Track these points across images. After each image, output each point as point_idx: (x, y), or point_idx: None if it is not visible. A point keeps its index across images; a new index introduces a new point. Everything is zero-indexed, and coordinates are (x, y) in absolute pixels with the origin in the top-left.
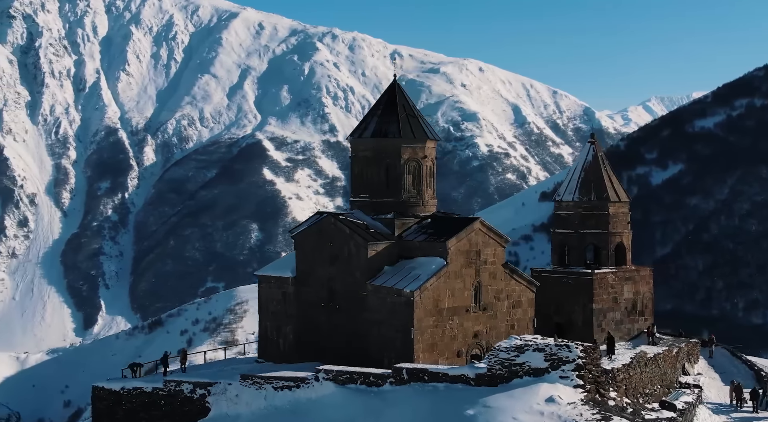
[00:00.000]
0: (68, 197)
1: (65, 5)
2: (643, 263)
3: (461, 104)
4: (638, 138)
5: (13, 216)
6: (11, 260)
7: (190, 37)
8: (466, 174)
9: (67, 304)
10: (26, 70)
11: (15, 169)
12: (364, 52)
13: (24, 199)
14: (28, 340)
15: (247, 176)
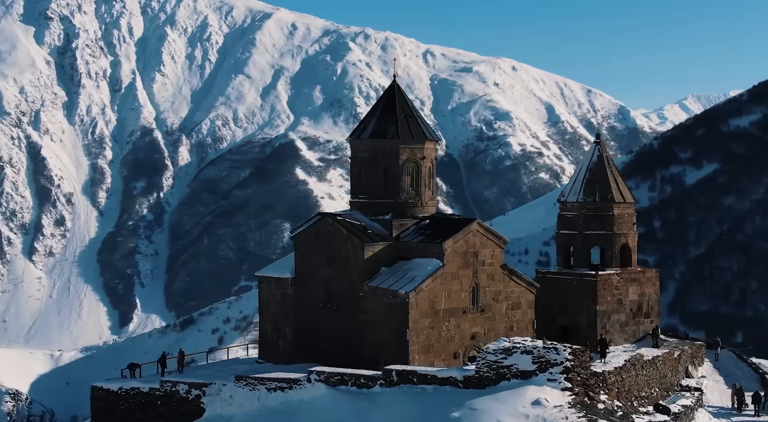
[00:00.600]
0: (104, 196)
1: (101, 7)
2: (677, 263)
3: (494, 103)
4: (672, 137)
5: (50, 215)
6: (48, 259)
7: (224, 38)
8: (498, 174)
9: (103, 302)
10: (63, 71)
11: (52, 169)
12: (397, 51)
13: (61, 198)
14: (65, 338)
15: (280, 176)
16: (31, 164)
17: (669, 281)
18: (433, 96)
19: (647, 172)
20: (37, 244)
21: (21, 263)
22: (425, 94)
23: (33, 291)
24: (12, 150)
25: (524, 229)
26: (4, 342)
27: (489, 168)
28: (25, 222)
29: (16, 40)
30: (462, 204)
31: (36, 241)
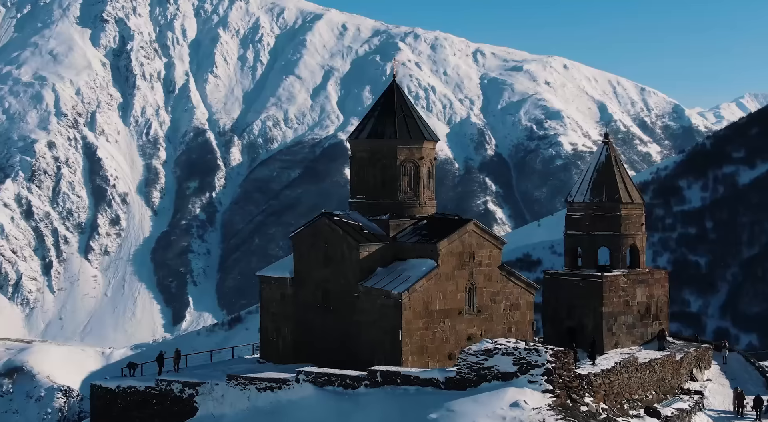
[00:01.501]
0: (158, 196)
1: (156, 9)
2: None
3: (545, 102)
4: (725, 136)
5: (105, 215)
6: (103, 258)
7: (275, 39)
8: (549, 173)
9: (156, 300)
10: (118, 72)
11: (108, 169)
12: (446, 51)
13: (116, 198)
14: (119, 336)
15: (329, 176)
16: (87, 164)
17: (721, 283)
18: (483, 95)
19: (699, 172)
20: (92, 243)
21: (77, 262)
22: (474, 94)
23: (88, 289)
24: (69, 151)
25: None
26: (60, 339)
27: (539, 168)
28: (81, 222)
29: (72, 43)
30: (512, 204)
31: (92, 240)
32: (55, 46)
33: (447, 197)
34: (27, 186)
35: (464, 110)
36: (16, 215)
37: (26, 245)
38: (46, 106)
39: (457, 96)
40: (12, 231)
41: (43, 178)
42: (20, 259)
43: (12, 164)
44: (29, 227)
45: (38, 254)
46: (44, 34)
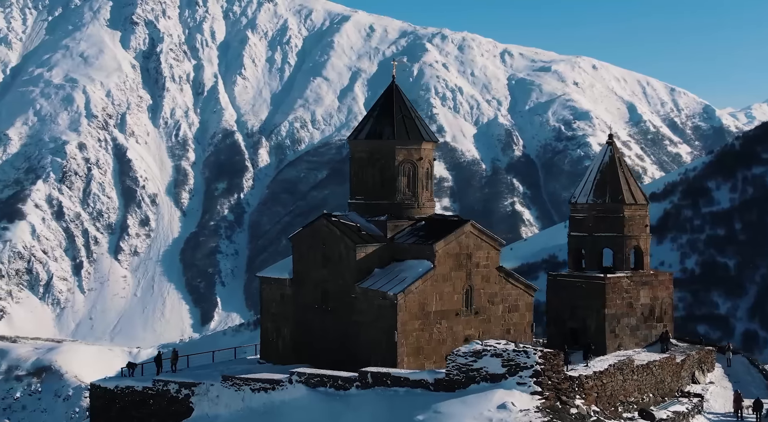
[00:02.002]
0: (187, 197)
1: (185, 11)
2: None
3: (573, 103)
4: (755, 137)
5: (135, 216)
6: (133, 258)
7: (303, 41)
8: (577, 174)
9: (185, 300)
10: (148, 74)
11: (137, 170)
12: (474, 52)
13: (146, 199)
14: (149, 335)
15: None
16: (117, 165)
17: (750, 285)
18: (511, 96)
19: (728, 172)
20: (122, 243)
21: (107, 262)
22: (502, 95)
23: (118, 289)
24: (99, 152)
25: None
26: (91, 339)
27: (567, 168)
28: (111, 222)
29: (102, 45)
30: (539, 205)
31: (121, 240)
32: (86, 49)
33: (474, 198)
34: (58, 187)
35: (492, 111)
36: (47, 215)
37: (57, 245)
38: (77, 108)
39: (484, 97)
40: (43, 232)
41: (74, 179)
42: (51, 259)
43: (43, 165)
44: (60, 228)
45: (69, 255)
46: (75, 36)
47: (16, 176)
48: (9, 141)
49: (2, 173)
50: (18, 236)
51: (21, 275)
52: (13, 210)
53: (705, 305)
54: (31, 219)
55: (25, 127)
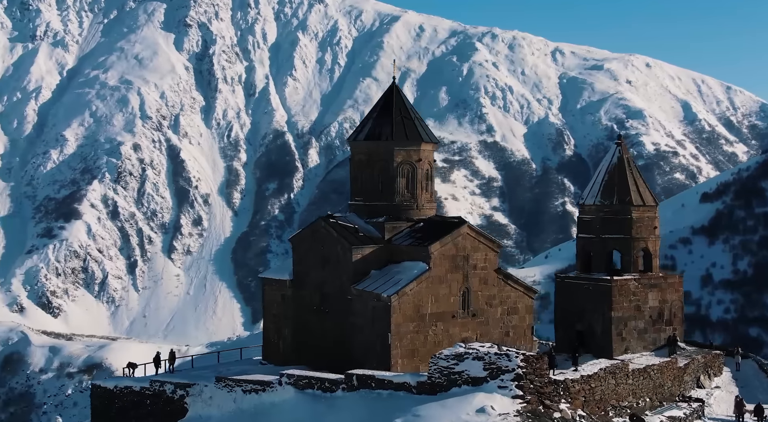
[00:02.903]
0: (239, 197)
1: (237, 13)
2: None
3: (626, 101)
4: None
5: (188, 215)
6: (186, 257)
7: (353, 42)
8: None
9: (236, 299)
10: (201, 76)
11: (190, 170)
12: (524, 50)
13: (198, 199)
14: (201, 334)
15: None
16: (171, 166)
17: None
18: (562, 95)
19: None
20: (175, 243)
21: (160, 261)
22: (553, 94)
23: (171, 288)
24: (153, 153)
25: None
26: (144, 337)
27: None
28: (164, 222)
29: (157, 47)
30: None
31: (175, 240)
32: (141, 51)
33: (524, 198)
34: (113, 187)
35: (542, 110)
36: (103, 215)
37: (112, 244)
38: (132, 109)
39: (535, 96)
40: (98, 231)
41: (129, 179)
42: (106, 258)
43: (99, 165)
44: (115, 227)
45: (123, 254)
46: (130, 38)
47: (73, 176)
48: (66, 142)
49: (59, 173)
50: (74, 236)
51: (77, 274)
52: (69, 210)
53: (757, 307)
54: (87, 219)
55: (81, 128)
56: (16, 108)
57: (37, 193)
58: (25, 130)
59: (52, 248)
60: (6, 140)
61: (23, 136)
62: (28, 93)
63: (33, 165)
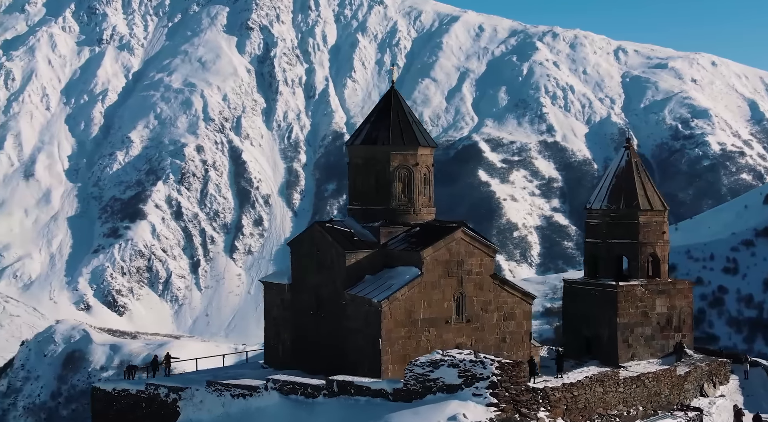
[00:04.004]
0: (298, 198)
1: (298, 16)
2: None
3: (691, 100)
4: None
5: (249, 216)
6: (247, 257)
7: (412, 43)
8: (695, 174)
9: None
10: (262, 78)
11: (252, 172)
12: (586, 49)
13: (259, 200)
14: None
15: (463, 178)
16: (233, 167)
17: None
18: (625, 94)
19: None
20: (237, 243)
21: (222, 261)
22: (616, 93)
23: (233, 287)
24: (216, 154)
25: (711, 233)
26: (206, 335)
27: (685, 169)
28: (226, 222)
29: (219, 50)
30: None
31: (236, 240)
32: (204, 54)
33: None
34: (177, 188)
35: (604, 110)
36: (167, 215)
37: (176, 244)
38: (195, 111)
39: (597, 95)
40: (163, 231)
41: (192, 180)
42: (170, 258)
43: (163, 167)
44: (179, 228)
45: (187, 253)
46: (194, 42)
47: (138, 177)
48: (131, 144)
49: (125, 174)
50: (139, 235)
51: (141, 273)
52: (134, 210)
53: None
54: (152, 219)
55: (146, 130)
56: (83, 110)
57: (103, 194)
58: (92, 132)
59: (118, 247)
60: (73, 142)
61: (90, 138)
62: (94, 96)
63: (99, 166)
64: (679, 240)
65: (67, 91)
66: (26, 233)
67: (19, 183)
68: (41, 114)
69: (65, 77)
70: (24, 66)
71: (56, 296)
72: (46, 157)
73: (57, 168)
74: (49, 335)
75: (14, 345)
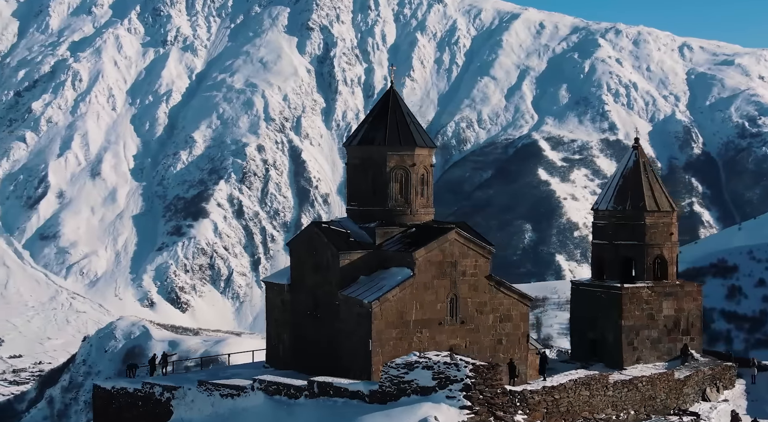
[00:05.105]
0: None
1: (358, 16)
2: None
3: (758, 98)
4: None
5: (308, 214)
6: None
7: (471, 41)
8: (763, 173)
9: None
10: (322, 78)
11: (311, 171)
12: (650, 46)
13: (318, 198)
14: None
15: (522, 177)
16: (293, 166)
17: None
18: (690, 91)
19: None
20: None
21: (282, 259)
22: (680, 90)
23: None
24: (276, 154)
25: None
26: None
27: (752, 167)
28: (286, 221)
29: (280, 51)
30: (720, 205)
31: None
32: (265, 55)
33: None
34: (238, 187)
35: (668, 107)
36: (229, 214)
37: (237, 242)
38: (256, 111)
39: (660, 92)
40: (224, 229)
41: (253, 179)
42: (231, 255)
43: (225, 166)
44: (240, 226)
45: (248, 251)
46: (255, 42)
47: (201, 176)
48: (194, 143)
49: (188, 173)
50: (201, 234)
51: (204, 271)
52: (197, 209)
53: None
54: (214, 217)
55: (209, 130)
56: (148, 111)
57: (167, 192)
58: (157, 132)
59: (181, 245)
60: (139, 142)
61: (155, 138)
62: (159, 96)
63: (164, 166)
64: (742, 240)
65: (132, 92)
66: (92, 231)
67: (86, 182)
68: (107, 114)
69: (131, 78)
70: (91, 67)
71: (121, 293)
72: (112, 156)
73: (122, 167)
74: (110, 331)
75: (80, 341)
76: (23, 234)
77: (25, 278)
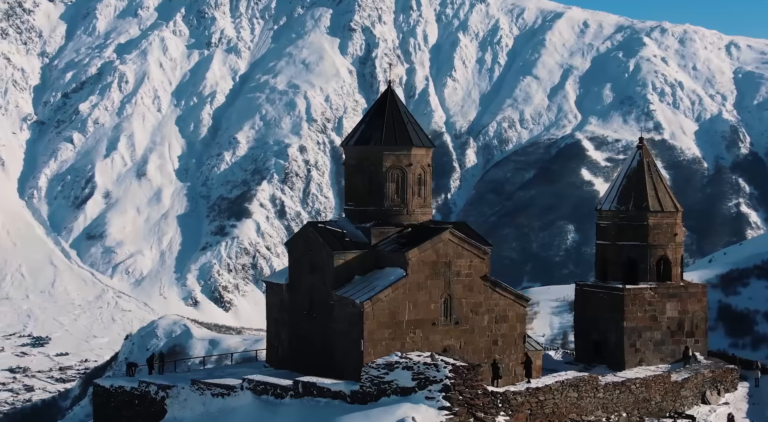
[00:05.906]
0: None
1: (399, 16)
2: None
3: None
4: None
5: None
6: None
7: (513, 41)
8: None
9: None
10: (363, 79)
11: None
12: (696, 44)
13: None
14: None
15: (565, 177)
16: (334, 167)
17: None
18: (737, 90)
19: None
20: None
21: None
22: (727, 89)
23: None
24: (317, 154)
25: None
26: None
27: None
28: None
29: (322, 52)
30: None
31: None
32: (307, 56)
33: (695, 198)
34: (280, 187)
35: (715, 106)
36: (271, 214)
37: (279, 242)
38: (299, 112)
39: (707, 91)
40: (267, 230)
41: (295, 180)
42: (273, 255)
43: (268, 167)
44: (282, 226)
45: None
46: (298, 44)
47: (244, 177)
48: (238, 144)
49: (231, 174)
50: (244, 233)
51: (246, 270)
52: (240, 209)
53: None
54: (257, 217)
55: (252, 131)
56: (192, 112)
57: (211, 193)
58: (201, 133)
59: (224, 245)
60: (183, 143)
61: (199, 139)
62: (203, 98)
63: (208, 166)
64: None
65: (177, 94)
66: (138, 230)
67: (131, 182)
68: (153, 116)
69: (176, 80)
70: (137, 69)
71: (166, 292)
72: (157, 157)
73: (168, 168)
74: (151, 329)
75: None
76: (70, 234)
77: (72, 278)
